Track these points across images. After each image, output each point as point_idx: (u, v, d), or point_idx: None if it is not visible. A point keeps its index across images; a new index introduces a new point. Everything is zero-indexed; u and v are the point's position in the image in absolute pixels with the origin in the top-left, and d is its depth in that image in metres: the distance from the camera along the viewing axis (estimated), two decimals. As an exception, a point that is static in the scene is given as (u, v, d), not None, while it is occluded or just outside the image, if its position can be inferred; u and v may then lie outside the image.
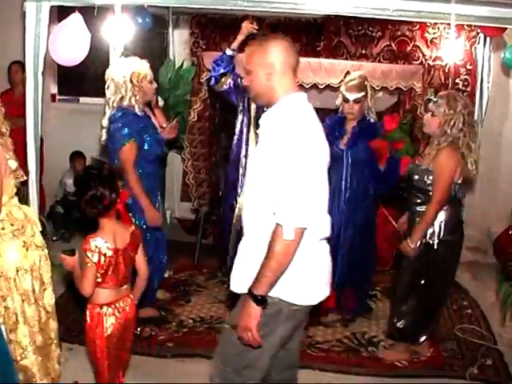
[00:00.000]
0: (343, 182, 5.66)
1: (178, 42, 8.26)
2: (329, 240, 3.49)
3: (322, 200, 3.36)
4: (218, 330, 5.68)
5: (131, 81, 5.01)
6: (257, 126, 3.46)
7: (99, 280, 3.90)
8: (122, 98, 5.03)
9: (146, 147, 5.07)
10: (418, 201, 4.99)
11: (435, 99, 4.87)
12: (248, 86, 3.47)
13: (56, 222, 7.91)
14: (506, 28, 5.61)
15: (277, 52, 3.31)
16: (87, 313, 4.03)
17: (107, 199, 3.83)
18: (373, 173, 5.61)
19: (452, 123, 4.73)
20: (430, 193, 4.86)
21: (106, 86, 5.12)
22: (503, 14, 4.69)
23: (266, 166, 3.22)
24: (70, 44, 4.96)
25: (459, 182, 4.83)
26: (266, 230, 3.20)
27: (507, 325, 5.72)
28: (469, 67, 7.86)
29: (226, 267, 6.27)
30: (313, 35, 8.04)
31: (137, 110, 5.05)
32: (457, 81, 7.93)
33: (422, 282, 5.01)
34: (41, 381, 4.16)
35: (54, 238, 7.57)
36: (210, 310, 6.16)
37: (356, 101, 5.55)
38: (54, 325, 4.36)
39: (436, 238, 4.88)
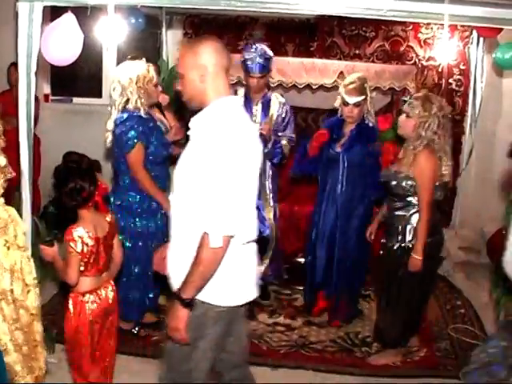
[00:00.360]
0: (339, 185, 5.62)
1: (172, 43, 8.24)
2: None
3: (250, 204, 3.34)
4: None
5: (137, 83, 5.01)
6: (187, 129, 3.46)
7: (82, 269, 3.99)
8: (127, 101, 5.03)
9: (152, 149, 5.06)
10: (397, 206, 4.96)
11: (410, 101, 4.86)
12: (181, 90, 3.43)
13: (49, 223, 7.88)
14: (501, 29, 5.62)
15: (209, 53, 3.30)
16: (70, 301, 4.09)
17: (86, 191, 3.93)
18: (374, 178, 5.45)
19: (427, 126, 4.70)
20: (409, 198, 4.85)
21: (111, 88, 5.12)
22: (497, 15, 4.68)
23: (193, 171, 3.21)
24: (62, 44, 4.95)
25: (436, 184, 4.81)
26: (195, 233, 3.20)
27: (500, 325, 5.73)
28: (462, 67, 7.89)
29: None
30: (306, 35, 8.06)
31: (142, 113, 5.05)
32: (450, 81, 7.96)
33: (403, 285, 4.99)
34: (24, 379, 4.15)
35: (46, 239, 7.52)
36: (203, 310, 6.14)
37: (356, 104, 5.50)
38: (38, 327, 4.34)
39: (414, 240, 4.85)
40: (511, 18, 4.67)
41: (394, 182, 4.90)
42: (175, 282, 3.39)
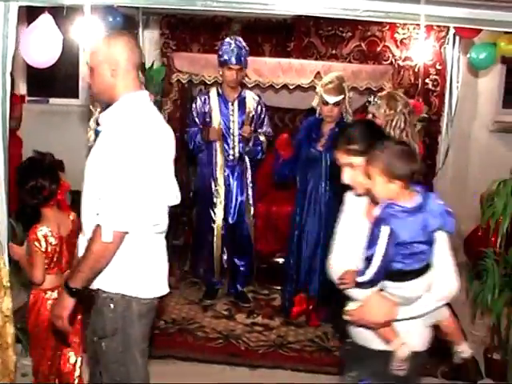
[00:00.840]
0: (322, 184, 5.66)
1: (149, 43, 8.22)
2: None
3: (161, 195, 3.39)
4: (189, 332, 5.68)
5: None
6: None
7: (45, 267, 4.05)
8: None
9: None
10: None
11: (375, 101, 4.87)
12: (91, 83, 3.45)
13: (25, 224, 7.83)
14: (480, 30, 5.66)
15: (121, 49, 3.32)
16: (31, 298, 4.19)
17: (47, 190, 3.97)
18: None
19: (394, 124, 4.71)
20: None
21: None
22: (473, 15, 4.70)
23: (97, 166, 3.24)
24: (42, 46, 4.92)
25: None
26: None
27: (477, 322, 5.75)
28: (438, 67, 7.93)
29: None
30: (283, 36, 8.06)
31: None
32: (426, 81, 7.99)
33: None
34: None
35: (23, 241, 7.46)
36: (181, 311, 6.14)
37: (336, 104, 5.51)
38: (10, 329, 4.35)
39: None
40: (487, 18, 4.70)
41: None
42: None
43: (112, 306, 3.35)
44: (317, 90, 5.67)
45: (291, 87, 6.53)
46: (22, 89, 8.59)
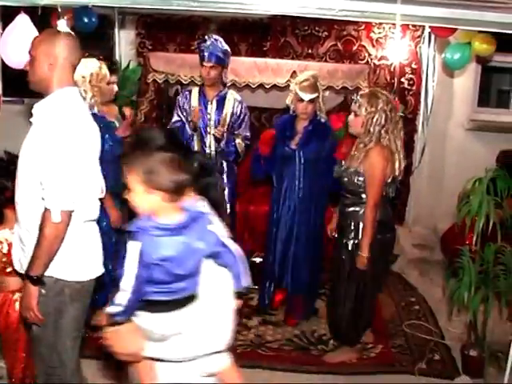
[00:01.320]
0: (296, 182, 5.67)
1: (125, 43, 8.20)
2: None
3: (89, 185, 3.58)
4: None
5: (90, 82, 4.98)
6: None
7: (9, 270, 4.01)
8: (91, 100, 4.99)
9: (106, 147, 5.03)
10: (349, 202, 5.01)
11: (357, 99, 4.91)
12: (29, 70, 3.60)
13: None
14: (455, 29, 5.68)
15: (63, 46, 3.52)
16: None
17: (9, 191, 3.93)
18: (326, 169, 5.51)
19: (374, 121, 4.75)
20: (361, 194, 4.89)
21: None
22: (449, 15, 4.73)
23: (33, 155, 3.41)
24: (20, 46, 4.90)
25: (388, 181, 4.86)
26: (37, 215, 3.38)
27: (454, 320, 5.79)
28: (414, 66, 7.96)
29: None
30: (259, 35, 8.06)
31: (96, 110, 5.02)
32: (402, 80, 8.02)
33: (355, 283, 5.04)
34: None
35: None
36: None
37: (311, 101, 5.53)
38: None
39: None
40: (462, 18, 4.72)
41: (345, 178, 4.96)
42: (24, 262, 3.55)
43: (43, 290, 3.46)
44: (291, 88, 5.69)
45: (267, 87, 6.54)
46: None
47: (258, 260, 6.71)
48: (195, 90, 6.10)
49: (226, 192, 6.14)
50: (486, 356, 5.02)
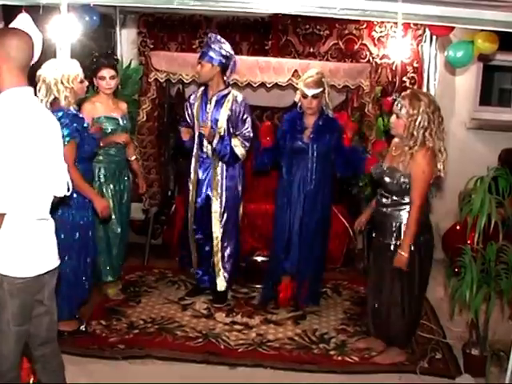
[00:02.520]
0: (309, 173, 5.81)
1: (126, 42, 8.19)
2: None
3: (37, 184, 3.56)
4: (168, 331, 5.67)
5: (62, 82, 4.98)
6: None
7: None
8: (55, 99, 4.99)
9: (83, 147, 5.06)
10: (389, 202, 5.01)
11: (398, 100, 4.89)
12: None
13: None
14: (453, 27, 5.67)
15: (15, 46, 3.48)
16: None
17: None
18: (341, 157, 5.83)
19: (417, 124, 4.73)
20: (404, 195, 4.90)
21: (37, 89, 5.06)
22: (450, 13, 4.73)
23: None
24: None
25: (431, 182, 4.89)
26: None
27: (455, 319, 5.79)
28: (415, 65, 7.95)
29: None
30: (261, 34, 8.05)
31: (72, 109, 5.03)
32: (404, 79, 8.00)
33: (403, 285, 5.05)
34: None
35: None
36: (160, 310, 6.12)
37: (314, 96, 5.65)
38: None
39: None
40: (464, 16, 4.73)
41: (387, 179, 4.94)
42: None
43: None
44: (298, 86, 5.81)
45: (269, 85, 6.54)
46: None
47: (259, 259, 6.72)
48: (200, 90, 6.12)
49: (220, 191, 6.13)
50: (488, 355, 5.01)
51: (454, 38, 6.64)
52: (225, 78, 6.05)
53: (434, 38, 7.30)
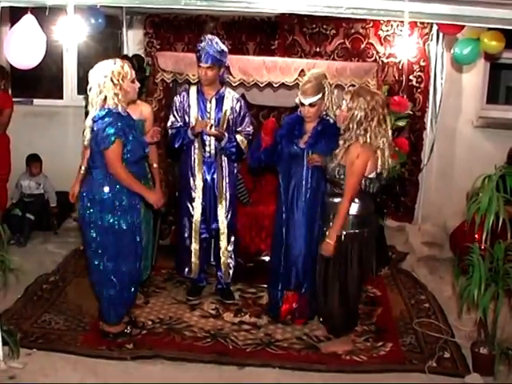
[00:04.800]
0: (304, 182, 5.66)
1: (132, 42, 8.22)
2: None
3: None
4: (177, 331, 5.67)
5: (112, 80, 4.96)
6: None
7: None
8: (105, 99, 4.97)
9: (129, 148, 5.03)
10: (331, 192, 5.16)
11: (344, 94, 5.03)
12: None
13: (13, 225, 7.80)
14: (463, 26, 5.67)
15: None
16: None
17: None
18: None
19: (353, 117, 4.87)
20: (343, 186, 5.00)
21: (88, 88, 5.05)
22: (457, 12, 4.74)
23: None
24: (25, 47, 4.92)
25: (370, 176, 4.96)
26: None
27: (464, 317, 5.77)
28: (422, 64, 7.96)
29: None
30: (267, 34, 8.06)
31: (120, 110, 5.00)
32: (410, 77, 8.02)
33: (339, 276, 5.15)
34: None
35: (11, 242, 7.41)
36: (168, 310, 6.12)
37: (312, 105, 5.51)
38: None
39: (344, 231, 5.02)
40: (470, 14, 4.73)
41: (329, 169, 5.10)
42: None
43: None
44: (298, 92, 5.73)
45: (276, 85, 6.52)
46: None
47: (267, 259, 6.71)
48: (193, 90, 6.10)
49: (226, 189, 6.15)
50: (497, 354, 5.00)
51: (460, 37, 6.63)
52: (224, 76, 6.08)
53: (441, 36, 7.31)
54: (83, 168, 5.69)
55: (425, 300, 6.51)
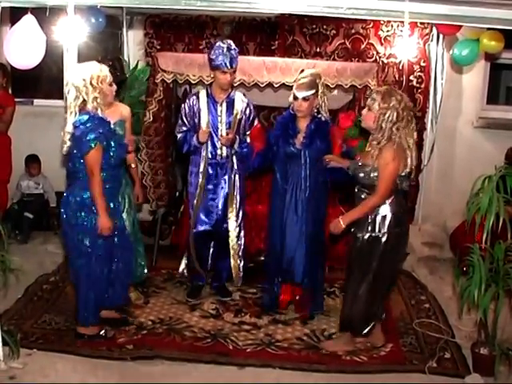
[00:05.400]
0: (302, 181, 5.71)
1: (133, 43, 8.22)
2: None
3: None
4: (177, 331, 5.66)
5: (91, 83, 4.94)
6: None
7: None
8: (84, 102, 4.95)
9: (111, 153, 5.02)
10: (365, 197, 5.09)
11: (372, 95, 4.98)
12: None
13: (11, 221, 7.80)
14: (460, 26, 5.66)
15: None
16: None
17: None
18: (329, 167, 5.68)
19: (386, 117, 4.82)
20: (376, 188, 4.97)
21: (66, 91, 5.03)
22: (457, 12, 4.74)
23: None
24: (25, 47, 4.92)
25: (403, 174, 4.94)
26: None
27: (464, 318, 5.77)
28: (422, 64, 7.96)
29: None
30: (267, 34, 8.06)
31: (100, 113, 4.98)
32: (411, 78, 8.02)
33: (370, 274, 5.11)
34: None
35: (10, 236, 7.39)
36: (169, 311, 6.12)
37: (305, 99, 5.58)
38: None
39: (384, 230, 5.00)
40: (470, 15, 4.73)
41: (361, 174, 5.03)
42: None
43: None
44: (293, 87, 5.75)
45: (276, 86, 6.52)
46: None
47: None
48: (203, 94, 6.10)
49: (238, 191, 6.18)
50: (497, 354, 5.00)
51: (460, 37, 6.63)
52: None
53: (441, 36, 7.31)
54: None
55: (425, 300, 6.51)
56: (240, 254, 6.39)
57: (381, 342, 5.51)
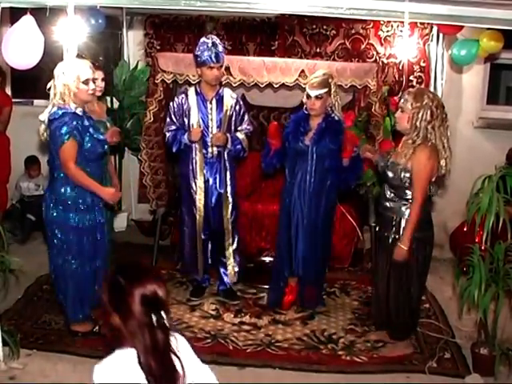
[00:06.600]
0: (308, 177, 5.75)
1: (133, 43, 8.22)
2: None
3: None
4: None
5: (63, 79, 4.96)
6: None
7: None
8: (61, 98, 4.98)
9: (86, 147, 5.03)
10: (392, 197, 5.08)
11: (404, 96, 4.96)
12: None
13: (12, 219, 7.81)
14: (462, 26, 5.66)
15: None
16: None
17: None
18: (335, 166, 5.70)
19: (420, 116, 4.80)
20: (406, 190, 4.96)
21: (48, 86, 5.07)
22: (457, 12, 4.74)
23: None
24: (23, 48, 4.92)
25: (433, 179, 4.92)
26: None
27: (464, 318, 5.77)
28: (422, 64, 7.96)
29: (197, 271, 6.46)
30: (267, 34, 8.06)
31: (73, 108, 4.99)
32: (411, 78, 8.01)
33: (401, 278, 5.10)
34: None
35: (11, 238, 7.40)
36: (169, 311, 6.12)
37: (318, 97, 5.60)
38: None
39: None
40: (470, 15, 4.73)
41: (390, 174, 5.03)
42: None
43: None
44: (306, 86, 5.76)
45: (276, 86, 6.52)
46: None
47: (267, 259, 6.73)
48: (192, 91, 6.10)
49: (229, 189, 6.17)
50: (497, 354, 5.00)
51: (459, 37, 6.63)
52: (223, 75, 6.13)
53: (441, 37, 7.30)
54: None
55: (425, 300, 6.49)
56: (235, 251, 6.36)
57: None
